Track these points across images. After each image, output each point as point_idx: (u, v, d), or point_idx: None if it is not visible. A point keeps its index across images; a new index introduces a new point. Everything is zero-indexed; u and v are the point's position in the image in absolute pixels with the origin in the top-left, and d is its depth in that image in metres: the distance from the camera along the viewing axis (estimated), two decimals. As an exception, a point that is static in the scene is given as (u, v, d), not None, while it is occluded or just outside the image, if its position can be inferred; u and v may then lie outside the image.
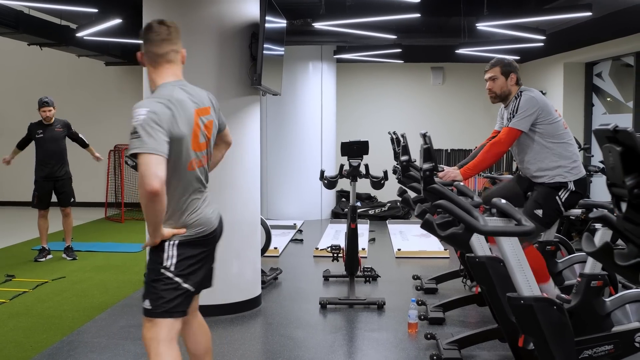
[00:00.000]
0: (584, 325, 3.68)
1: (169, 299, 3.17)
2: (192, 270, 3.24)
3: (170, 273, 3.19)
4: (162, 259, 3.20)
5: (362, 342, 5.28)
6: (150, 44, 3.26)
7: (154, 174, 2.88)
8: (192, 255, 3.24)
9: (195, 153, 3.21)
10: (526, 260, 3.09)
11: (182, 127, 3.10)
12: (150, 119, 2.96)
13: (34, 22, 9.64)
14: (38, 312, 6.00)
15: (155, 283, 3.20)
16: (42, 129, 8.24)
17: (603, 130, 2.18)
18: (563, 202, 4.83)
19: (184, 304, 3.24)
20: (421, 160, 3.96)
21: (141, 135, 2.92)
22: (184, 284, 3.21)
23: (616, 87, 10.78)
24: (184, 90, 3.24)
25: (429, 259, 8.52)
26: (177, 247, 3.20)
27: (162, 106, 3.04)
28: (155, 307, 3.18)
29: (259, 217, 6.33)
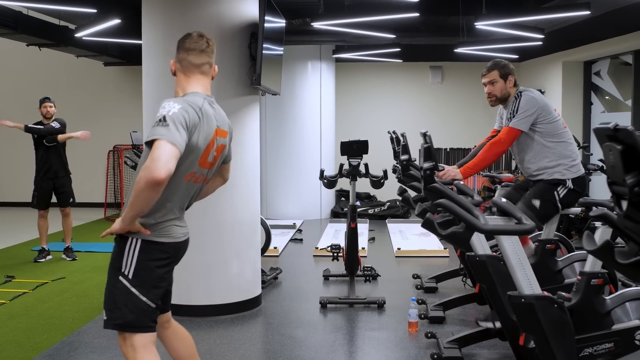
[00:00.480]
0: (584, 323, 3.68)
1: (126, 312, 3.06)
2: (153, 283, 3.10)
3: (127, 282, 3.06)
4: (120, 263, 3.09)
5: (363, 342, 5.28)
6: (188, 52, 3.26)
7: (167, 162, 2.81)
8: (153, 260, 3.10)
9: (198, 168, 3.16)
10: (527, 258, 3.10)
11: (200, 140, 3.06)
12: (182, 116, 2.94)
13: (32, 23, 9.65)
14: (38, 313, 6.00)
15: (112, 290, 3.09)
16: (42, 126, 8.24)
17: (603, 129, 2.18)
18: (560, 199, 4.85)
19: (145, 319, 3.10)
20: (421, 160, 3.97)
21: (170, 125, 2.87)
22: (142, 297, 3.07)
23: (615, 86, 10.80)
24: (211, 106, 3.22)
25: (428, 258, 8.53)
26: (138, 251, 3.07)
27: (193, 111, 3.02)
28: (112, 319, 3.09)
29: (259, 216, 6.33)
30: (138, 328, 3.07)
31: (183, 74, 3.29)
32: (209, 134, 3.13)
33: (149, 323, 3.11)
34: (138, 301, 3.05)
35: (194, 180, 3.18)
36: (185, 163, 3.06)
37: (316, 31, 9.69)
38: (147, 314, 3.09)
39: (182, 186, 3.15)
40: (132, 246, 3.08)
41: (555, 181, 4.86)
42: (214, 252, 5.81)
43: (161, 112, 2.93)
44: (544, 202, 4.85)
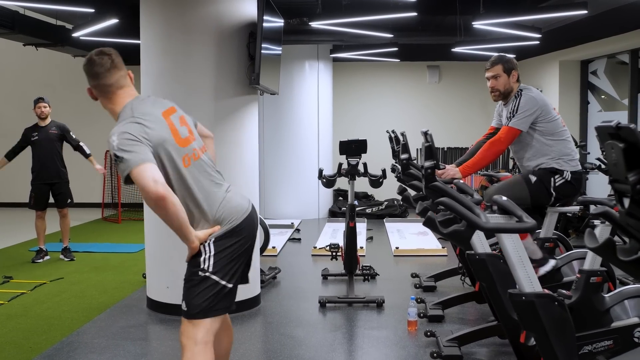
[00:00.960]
0: (583, 321, 3.70)
1: (206, 299, 3.12)
2: (231, 266, 3.18)
3: (208, 273, 3.14)
4: (199, 262, 3.15)
5: (362, 340, 5.29)
6: (97, 77, 3.25)
7: (151, 180, 2.87)
8: (229, 246, 3.17)
9: (183, 149, 3.17)
10: (527, 256, 3.11)
11: (158, 131, 3.08)
12: (124, 138, 2.96)
13: (29, 23, 9.63)
14: (37, 314, 5.99)
15: (193, 287, 3.15)
16: (36, 131, 8.25)
17: (605, 127, 2.20)
18: (555, 186, 4.85)
19: (224, 301, 3.19)
20: (423, 158, 3.98)
21: (123, 155, 2.92)
22: (222, 281, 3.15)
23: (611, 85, 10.82)
24: (141, 101, 3.24)
25: (426, 257, 8.54)
26: (212, 244, 3.15)
27: (128, 125, 3.04)
28: (193, 308, 3.14)
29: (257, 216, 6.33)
30: (213, 312, 3.13)
31: (104, 98, 3.28)
32: (160, 121, 3.14)
33: (227, 305, 3.21)
34: (216, 285, 3.13)
35: (193, 158, 3.20)
36: (172, 156, 3.10)
37: (314, 31, 9.70)
38: (229, 296, 3.19)
39: (191, 172, 3.17)
40: (206, 246, 3.16)
41: (553, 169, 4.87)
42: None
43: (111, 153, 2.99)
44: (539, 182, 4.85)
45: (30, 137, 8.23)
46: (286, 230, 10.50)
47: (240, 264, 3.25)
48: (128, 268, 7.88)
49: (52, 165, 8.25)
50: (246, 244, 3.27)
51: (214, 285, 3.13)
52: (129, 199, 13.02)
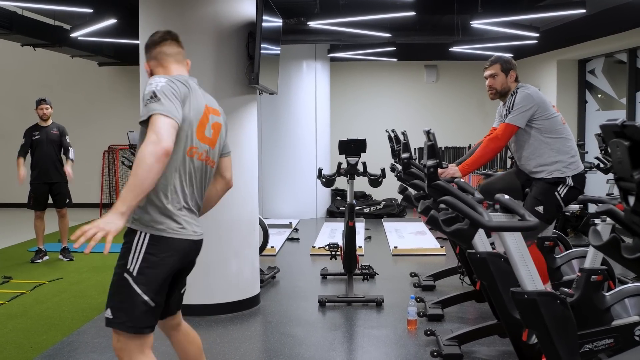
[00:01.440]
0: (584, 319, 3.71)
1: (129, 312, 2.95)
2: (156, 281, 2.98)
3: (132, 279, 2.95)
4: (127, 259, 3.00)
5: (362, 340, 5.29)
6: (161, 45, 3.24)
7: (170, 134, 2.79)
8: (158, 262, 2.98)
9: (198, 142, 3.08)
10: (529, 254, 3.11)
11: (192, 113, 3.02)
12: (170, 87, 2.92)
13: (27, 23, 9.63)
14: (37, 314, 5.98)
15: (117, 288, 3.00)
16: (38, 131, 8.25)
17: (611, 126, 2.20)
18: (562, 198, 4.87)
19: (147, 319, 2.99)
20: (425, 157, 3.98)
21: (161, 98, 2.84)
22: (144, 296, 2.94)
23: (609, 84, 10.84)
24: (197, 84, 3.22)
25: (425, 256, 8.55)
26: (146, 246, 2.97)
27: (180, 83, 3.01)
28: (115, 318, 2.98)
29: (257, 216, 6.34)
30: (138, 328, 2.97)
31: (160, 67, 3.24)
32: (199, 108, 3.10)
33: (149, 323, 3.01)
34: (140, 300, 2.94)
35: (197, 157, 3.09)
36: (182, 134, 2.98)
37: (311, 30, 9.71)
38: (148, 314, 2.98)
39: (186, 163, 3.05)
40: (139, 241, 2.99)
41: (555, 180, 4.88)
42: (212, 252, 5.79)
43: (149, 89, 2.89)
44: (547, 206, 4.86)
45: (32, 137, 8.23)
46: (284, 230, 10.51)
47: (166, 283, 3.06)
48: (127, 268, 7.86)
49: (51, 165, 8.26)
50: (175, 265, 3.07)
51: (137, 298, 2.95)
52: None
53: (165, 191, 3.00)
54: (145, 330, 3.00)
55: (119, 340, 3.01)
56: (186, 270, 3.28)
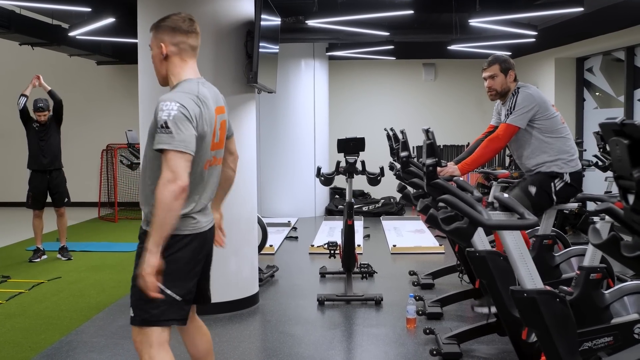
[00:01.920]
0: (583, 317, 3.71)
1: (152, 307, 3.00)
2: (179, 276, 3.05)
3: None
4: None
5: (361, 338, 5.30)
6: (185, 35, 3.17)
7: (185, 172, 2.85)
8: (180, 257, 3.05)
9: (210, 152, 3.13)
10: (529, 253, 3.12)
11: (206, 127, 3.03)
12: (182, 113, 2.89)
13: (25, 22, 9.62)
14: (35, 313, 5.98)
15: (139, 291, 3.00)
16: (39, 123, 8.30)
17: (610, 124, 2.20)
18: (556, 191, 4.87)
19: (171, 312, 3.04)
20: (424, 156, 3.98)
21: (172, 130, 2.85)
22: (168, 290, 3.00)
23: (607, 82, 10.84)
24: (205, 84, 3.19)
25: (424, 255, 8.56)
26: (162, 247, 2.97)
27: (192, 102, 2.97)
28: (139, 315, 3.04)
29: (255, 214, 6.34)
30: (161, 322, 3.02)
31: (179, 58, 3.17)
32: (212, 118, 3.10)
33: (173, 316, 3.06)
34: (163, 294, 2.98)
35: (209, 164, 3.16)
36: (199, 154, 3.02)
37: (310, 29, 9.70)
38: (173, 308, 3.03)
39: (204, 177, 3.13)
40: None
41: (553, 173, 4.89)
42: (211, 250, 5.80)
43: (161, 117, 2.88)
44: (540, 191, 4.87)
45: (32, 123, 8.28)
46: (283, 229, 10.50)
47: (191, 276, 3.13)
48: (125, 267, 7.87)
49: (48, 154, 8.24)
50: (196, 257, 3.15)
51: (162, 293, 2.98)
52: (126, 198, 13.00)
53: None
54: (168, 323, 3.05)
55: (139, 332, 3.08)
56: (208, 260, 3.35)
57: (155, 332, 3.04)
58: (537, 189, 4.87)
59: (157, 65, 3.21)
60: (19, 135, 8.30)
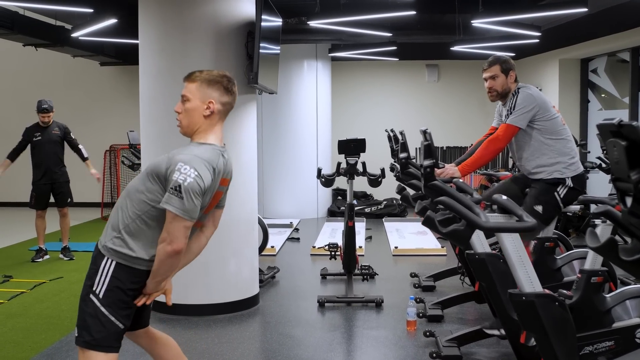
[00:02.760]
0: (584, 321, 3.68)
1: (94, 331, 3.01)
2: (122, 306, 3.05)
3: (98, 301, 3.01)
4: (94, 280, 3.04)
5: (361, 340, 5.27)
6: (232, 96, 3.19)
7: (184, 236, 2.93)
8: (124, 287, 3.04)
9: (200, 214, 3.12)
10: (527, 256, 3.09)
11: (208, 196, 3.08)
12: (198, 184, 2.90)
13: (29, 23, 9.63)
14: (36, 313, 5.98)
15: (83, 307, 3.05)
16: (39, 132, 8.24)
17: (608, 125, 2.17)
18: (562, 198, 4.84)
19: (112, 339, 3.04)
20: (421, 157, 3.96)
21: (184, 197, 2.87)
22: (111, 317, 3.01)
23: (612, 83, 10.79)
24: (223, 157, 3.15)
25: (426, 257, 8.53)
26: (112, 272, 3.03)
27: (209, 174, 2.97)
28: (82, 336, 3.05)
29: (256, 215, 6.32)
30: (103, 347, 3.02)
31: (218, 118, 3.17)
32: (215, 188, 3.12)
33: (115, 343, 3.06)
34: (107, 321, 3.01)
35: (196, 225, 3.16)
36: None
37: (312, 30, 9.68)
38: (114, 334, 3.04)
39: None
40: (106, 266, 3.04)
41: (554, 181, 4.84)
42: (211, 251, 5.71)
43: (177, 179, 2.89)
44: (546, 206, 4.83)
45: (33, 137, 8.22)
46: (285, 230, 10.49)
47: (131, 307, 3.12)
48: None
49: (54, 165, 8.26)
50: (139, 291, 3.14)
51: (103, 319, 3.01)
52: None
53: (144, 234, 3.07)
54: (110, 349, 3.05)
55: (83, 356, 3.07)
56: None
57: (99, 357, 3.04)
58: (543, 206, 4.83)
59: (194, 118, 3.13)
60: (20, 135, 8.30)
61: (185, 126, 3.15)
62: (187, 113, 3.12)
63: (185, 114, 3.12)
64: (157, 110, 5.84)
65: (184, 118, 3.14)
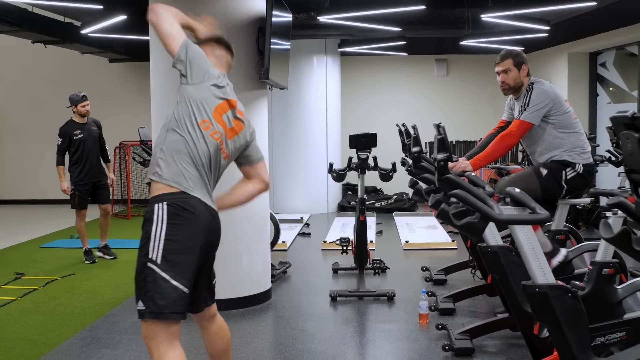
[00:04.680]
0: (596, 312, 3.69)
1: (159, 299, 2.96)
2: (181, 263, 3.01)
3: (157, 267, 2.97)
4: (147, 249, 3.00)
5: (374, 334, 5.30)
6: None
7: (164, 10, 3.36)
8: (182, 241, 3.02)
9: (213, 120, 3.19)
10: (540, 248, 3.10)
11: (209, 88, 3.23)
12: (198, 51, 3.30)
13: (38, 20, 9.67)
14: (49, 309, 6.02)
15: (143, 280, 3.00)
16: (79, 129, 7.96)
17: (621, 117, 2.19)
18: (567, 179, 4.83)
19: (178, 305, 3.00)
20: (435, 151, 3.98)
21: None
22: (173, 281, 2.98)
23: (620, 77, 10.78)
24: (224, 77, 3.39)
25: (436, 251, 8.54)
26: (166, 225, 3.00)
27: (208, 62, 3.30)
28: (147, 307, 2.98)
29: (268, 210, 6.35)
30: (170, 314, 2.98)
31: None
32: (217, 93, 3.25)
33: (180, 309, 3.02)
34: (169, 286, 2.97)
35: (210, 133, 3.18)
36: (196, 102, 3.18)
37: (322, 25, 9.70)
38: (179, 300, 3.00)
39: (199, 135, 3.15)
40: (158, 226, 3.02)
41: (565, 162, 4.85)
42: (224, 246, 5.72)
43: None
44: (550, 175, 4.83)
45: (73, 136, 7.91)
46: (296, 225, 10.52)
47: (194, 264, 3.08)
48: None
49: (96, 163, 8.08)
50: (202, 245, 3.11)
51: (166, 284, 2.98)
52: (139, 195, 13.06)
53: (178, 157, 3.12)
54: (171, 316, 3.00)
55: (147, 327, 3.04)
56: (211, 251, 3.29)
57: (162, 327, 3.01)
58: (548, 172, 4.85)
59: None
60: (32, 132, 8.31)
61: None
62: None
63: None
64: (168, 106, 5.81)
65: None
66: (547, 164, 4.91)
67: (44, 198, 13.48)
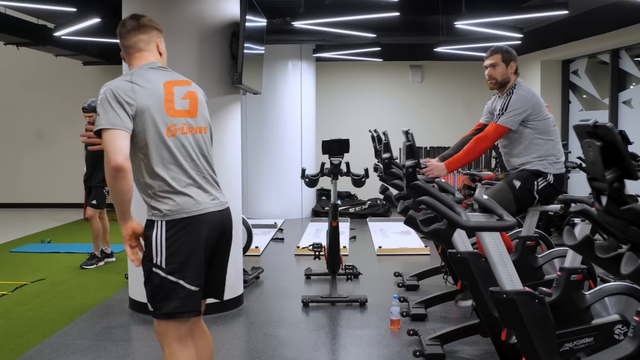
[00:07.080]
0: (564, 318, 3.72)
1: (167, 302, 3.05)
2: (187, 263, 3.04)
3: (162, 271, 3.03)
4: (151, 254, 3.05)
5: (345, 340, 5.30)
6: (120, 37, 3.35)
7: (117, 148, 2.89)
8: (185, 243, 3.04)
9: (171, 119, 3.12)
10: (508, 254, 3.13)
11: (149, 97, 3.07)
12: (108, 95, 3.00)
13: (10, 22, 9.58)
14: (18, 315, 5.94)
15: (150, 284, 3.08)
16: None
17: (583, 126, 2.22)
18: (538, 190, 4.89)
19: (188, 304, 3.08)
20: (404, 157, 4.00)
21: (100, 112, 2.96)
22: (180, 281, 3.04)
23: (592, 84, 10.91)
24: (150, 68, 3.25)
25: (409, 256, 8.57)
26: (165, 232, 3.03)
27: (120, 82, 3.08)
28: (156, 309, 3.10)
29: (240, 215, 6.33)
30: (180, 314, 3.08)
31: (127, 59, 3.36)
32: (157, 90, 3.12)
33: (191, 308, 3.11)
34: (177, 287, 3.05)
35: (180, 131, 3.14)
36: (149, 121, 3.05)
37: (297, 30, 9.71)
38: (192, 298, 3.09)
39: (170, 145, 3.10)
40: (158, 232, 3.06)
41: (537, 172, 4.91)
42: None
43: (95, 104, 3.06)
44: (523, 187, 4.89)
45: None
46: (269, 230, 10.49)
47: (199, 263, 3.11)
48: (110, 269, 7.85)
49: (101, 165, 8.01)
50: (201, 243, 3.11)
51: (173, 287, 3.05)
52: (110, 200, 12.95)
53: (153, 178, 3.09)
54: (183, 315, 3.09)
55: (159, 324, 3.15)
56: (221, 247, 3.30)
57: (173, 325, 3.11)
58: (522, 183, 4.89)
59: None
60: (4, 135, 8.23)
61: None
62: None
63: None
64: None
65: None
66: (519, 174, 4.95)
67: (16, 202, 13.33)
